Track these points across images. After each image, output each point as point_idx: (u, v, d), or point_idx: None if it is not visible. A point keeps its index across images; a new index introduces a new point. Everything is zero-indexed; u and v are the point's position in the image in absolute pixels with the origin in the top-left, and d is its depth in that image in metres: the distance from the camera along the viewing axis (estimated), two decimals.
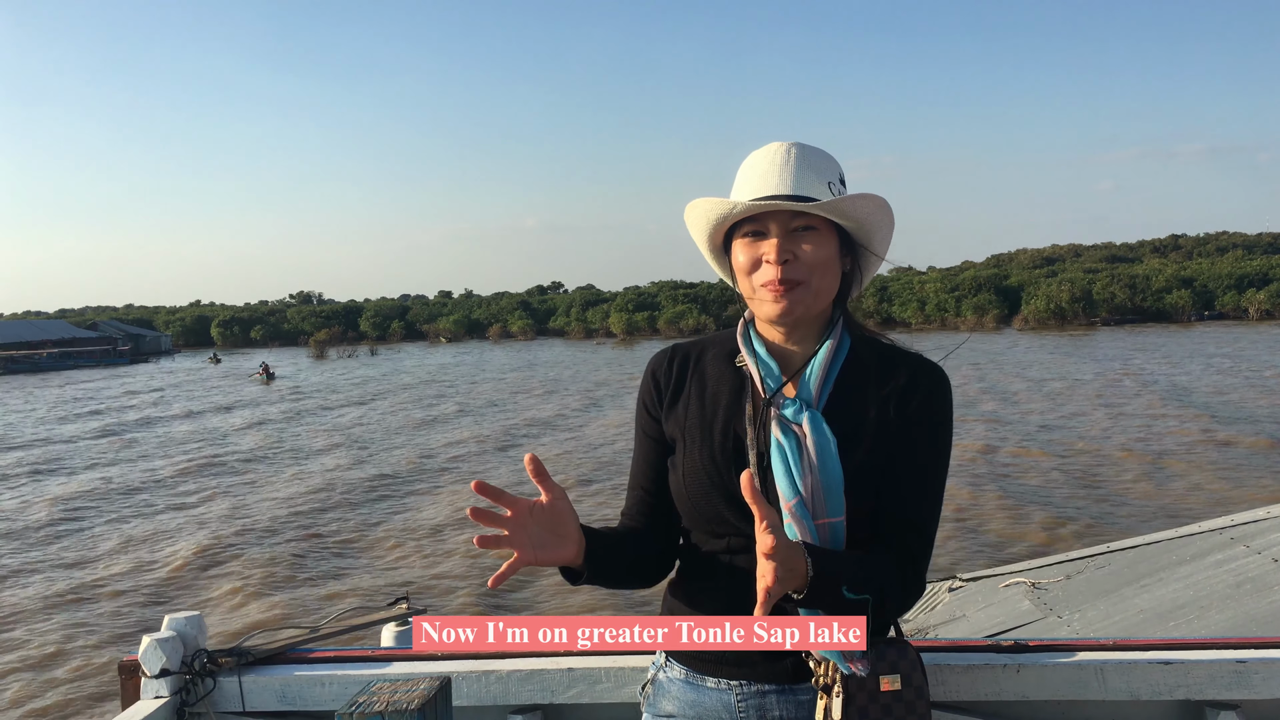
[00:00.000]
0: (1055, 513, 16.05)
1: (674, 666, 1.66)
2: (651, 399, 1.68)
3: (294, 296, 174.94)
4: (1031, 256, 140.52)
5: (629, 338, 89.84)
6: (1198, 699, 1.88)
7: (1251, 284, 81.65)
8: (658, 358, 1.72)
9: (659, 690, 1.68)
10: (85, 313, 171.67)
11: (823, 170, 1.55)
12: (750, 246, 1.55)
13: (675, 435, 1.64)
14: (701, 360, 1.68)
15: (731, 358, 1.65)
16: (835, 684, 1.48)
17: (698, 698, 1.61)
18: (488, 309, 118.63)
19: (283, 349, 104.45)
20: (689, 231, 1.64)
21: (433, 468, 23.59)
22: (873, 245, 1.61)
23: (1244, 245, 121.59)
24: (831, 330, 1.59)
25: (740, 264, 1.56)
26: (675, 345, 1.73)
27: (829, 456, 1.50)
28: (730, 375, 1.63)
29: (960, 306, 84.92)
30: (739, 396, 1.60)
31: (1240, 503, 14.49)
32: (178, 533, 17.78)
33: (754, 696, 1.57)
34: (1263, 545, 4.66)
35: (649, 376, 1.70)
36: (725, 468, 1.56)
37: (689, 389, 1.65)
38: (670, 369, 1.68)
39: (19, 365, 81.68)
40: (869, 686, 1.48)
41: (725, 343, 1.68)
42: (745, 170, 1.58)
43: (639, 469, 1.71)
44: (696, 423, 1.61)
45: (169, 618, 2.09)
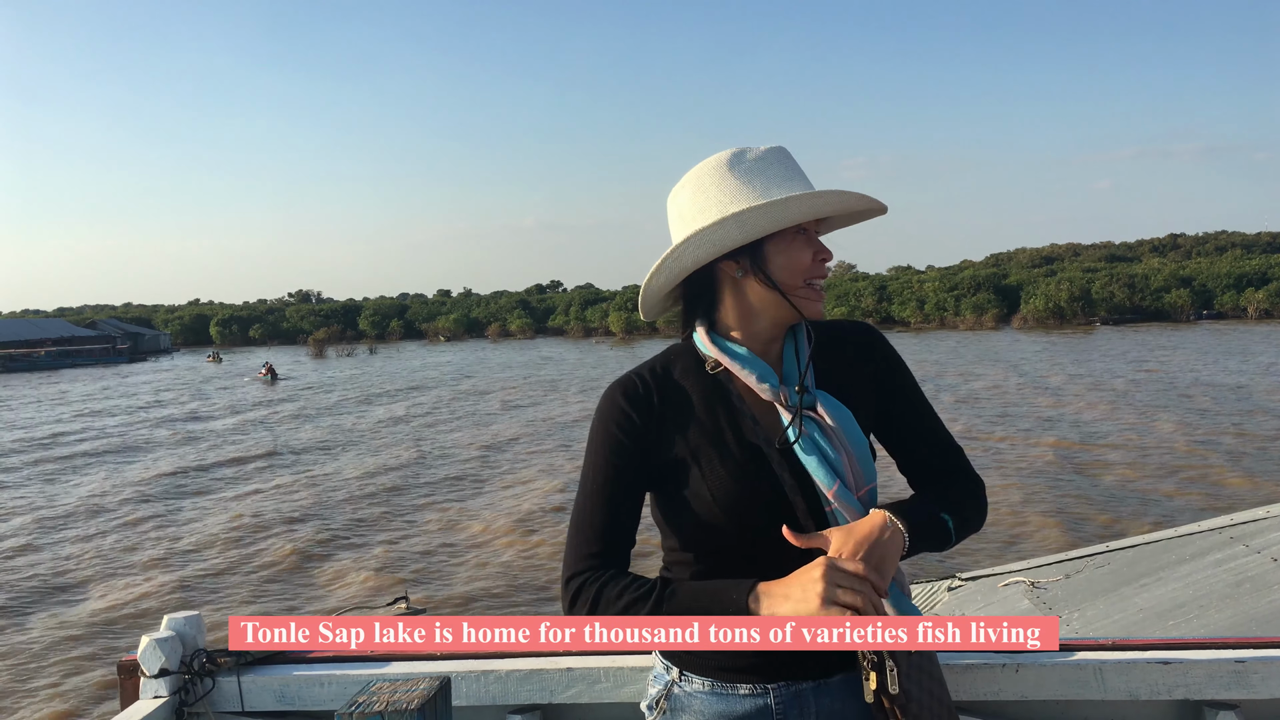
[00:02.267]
0: (1053, 513, 16.07)
1: (693, 680, 1.60)
2: (633, 426, 1.57)
3: (293, 295, 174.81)
4: (1030, 255, 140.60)
5: (628, 336, 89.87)
6: (1197, 699, 1.88)
7: (1250, 283, 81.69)
8: (626, 384, 1.60)
9: (676, 705, 1.61)
10: (84, 311, 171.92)
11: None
12: (807, 243, 1.56)
13: (681, 457, 1.56)
14: (670, 379, 1.61)
15: (701, 368, 1.61)
16: (885, 657, 1.48)
17: (727, 707, 1.57)
18: (486, 308, 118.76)
19: (281, 348, 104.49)
20: (724, 228, 1.51)
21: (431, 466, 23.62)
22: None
23: (1243, 244, 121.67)
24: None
25: (794, 262, 1.55)
26: (635, 374, 1.62)
27: (853, 427, 1.54)
28: (711, 385, 1.60)
29: (959, 306, 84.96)
30: (731, 402, 1.58)
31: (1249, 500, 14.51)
32: (183, 532, 17.78)
33: (792, 696, 1.56)
34: (1262, 544, 4.66)
35: (623, 403, 1.58)
36: (755, 474, 1.53)
37: (680, 408, 1.59)
38: (649, 393, 1.59)
39: (17, 364, 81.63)
40: (910, 655, 1.51)
41: (684, 356, 1.64)
42: (760, 171, 1.54)
43: (615, 510, 1.56)
44: (704, 439, 1.56)
45: (168, 618, 2.09)
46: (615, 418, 1.58)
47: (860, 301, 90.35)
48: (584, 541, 1.56)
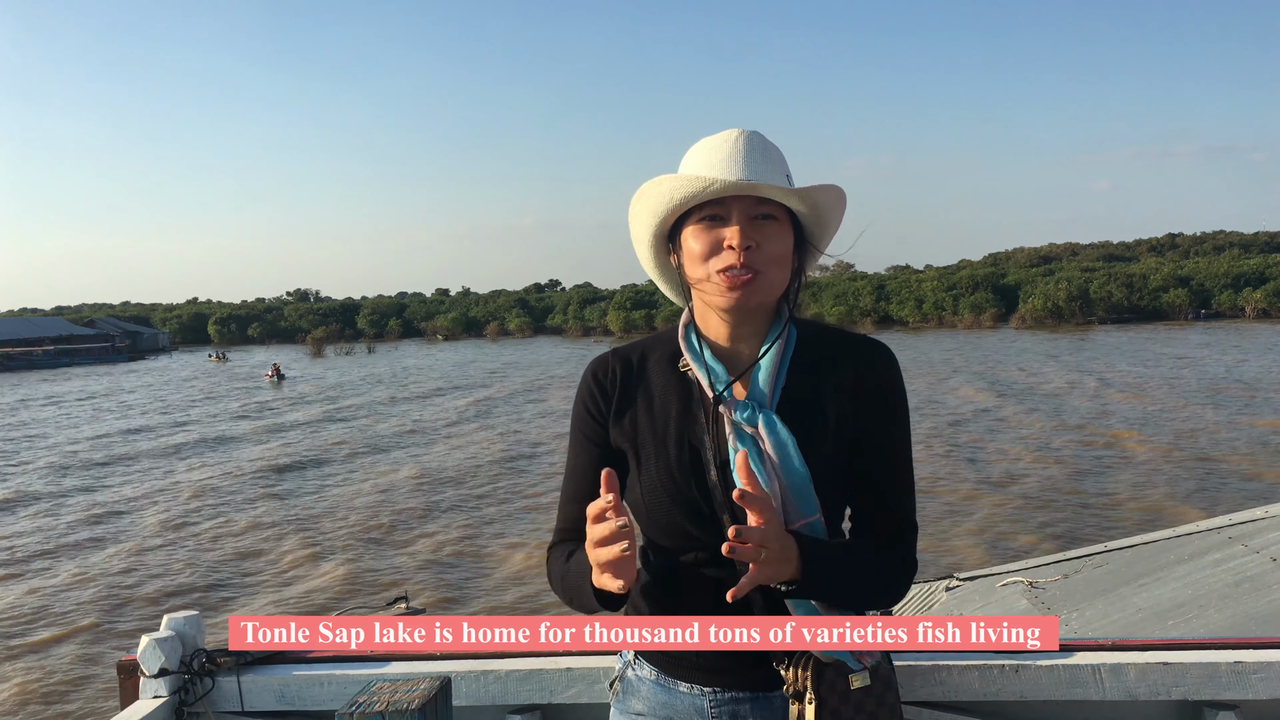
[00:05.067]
0: (1054, 512, 16.08)
1: (644, 666, 1.61)
2: (597, 406, 1.58)
3: (291, 294, 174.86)
4: (1029, 255, 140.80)
5: (627, 335, 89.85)
6: (1196, 699, 1.88)
7: (1248, 283, 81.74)
8: (599, 362, 1.62)
9: (628, 688, 1.63)
10: (82, 310, 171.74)
11: (779, 162, 1.49)
12: (708, 231, 1.45)
13: (625, 448, 1.55)
14: (645, 366, 1.59)
15: (675, 362, 1.57)
16: (807, 689, 1.45)
17: (669, 700, 1.57)
18: (485, 307, 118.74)
19: (280, 346, 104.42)
20: (637, 216, 1.53)
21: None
22: (823, 240, 1.55)
23: (1240, 244, 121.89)
24: (776, 325, 1.53)
25: (694, 250, 1.47)
26: (614, 350, 1.63)
27: (790, 457, 1.44)
28: (676, 382, 1.55)
29: (958, 305, 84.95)
30: (689, 404, 1.53)
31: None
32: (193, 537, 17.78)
33: (727, 704, 1.53)
34: (1261, 544, 4.66)
35: (591, 382, 1.59)
36: (684, 481, 1.48)
37: (636, 399, 1.56)
38: (614, 376, 1.58)
39: (16, 363, 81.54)
40: (840, 688, 1.45)
41: (666, 345, 1.60)
42: (702, 153, 1.48)
43: (580, 481, 1.59)
44: (649, 435, 1.53)
45: (168, 617, 2.08)
46: (583, 394, 1.61)
47: (858, 301, 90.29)
48: (559, 513, 1.64)
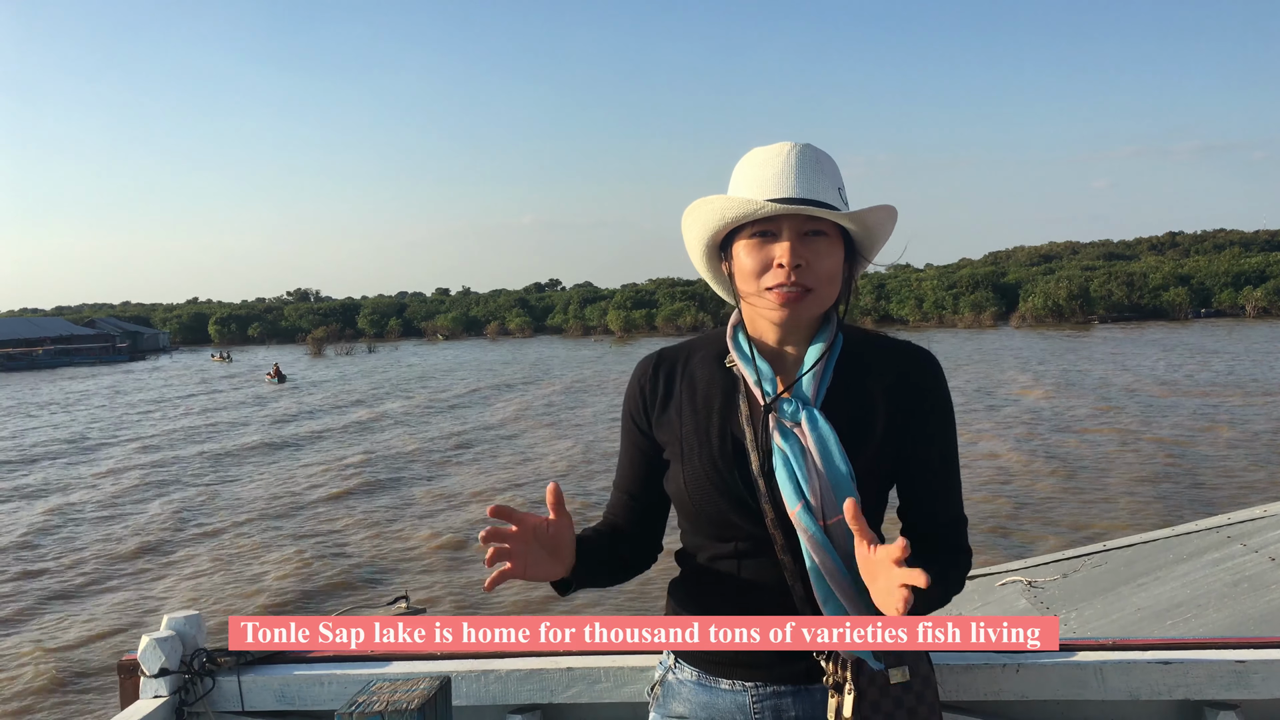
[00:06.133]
0: (1054, 511, 16.09)
1: (684, 668, 1.64)
2: (639, 409, 1.65)
3: (291, 294, 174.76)
4: (1029, 254, 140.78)
5: (627, 335, 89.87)
6: (1197, 699, 1.88)
7: (1248, 281, 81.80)
8: (643, 366, 1.68)
9: (668, 691, 1.65)
10: (82, 310, 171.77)
11: (832, 175, 1.52)
12: (759, 249, 1.49)
13: (669, 442, 1.60)
14: (690, 364, 1.64)
15: (721, 359, 1.62)
16: (846, 682, 1.47)
17: (711, 699, 1.59)
18: (485, 306, 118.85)
19: (280, 346, 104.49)
20: (689, 228, 1.59)
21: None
22: (872, 251, 1.59)
23: (1240, 243, 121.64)
24: (825, 329, 1.57)
25: (746, 266, 1.51)
26: (660, 352, 1.69)
27: (831, 453, 1.47)
28: (721, 377, 1.60)
29: (958, 304, 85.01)
30: (733, 398, 1.57)
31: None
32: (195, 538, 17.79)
33: (769, 698, 1.56)
34: (1260, 544, 4.66)
35: (635, 387, 1.66)
36: (728, 472, 1.52)
37: (679, 395, 1.61)
38: (657, 377, 1.64)
39: (16, 363, 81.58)
40: (879, 681, 1.48)
41: (713, 344, 1.65)
42: (753, 168, 1.52)
43: (625, 474, 1.69)
44: (692, 429, 1.58)
45: (168, 617, 2.08)
46: (631, 389, 1.67)
47: (858, 300, 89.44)
48: (612, 492, 1.72)
